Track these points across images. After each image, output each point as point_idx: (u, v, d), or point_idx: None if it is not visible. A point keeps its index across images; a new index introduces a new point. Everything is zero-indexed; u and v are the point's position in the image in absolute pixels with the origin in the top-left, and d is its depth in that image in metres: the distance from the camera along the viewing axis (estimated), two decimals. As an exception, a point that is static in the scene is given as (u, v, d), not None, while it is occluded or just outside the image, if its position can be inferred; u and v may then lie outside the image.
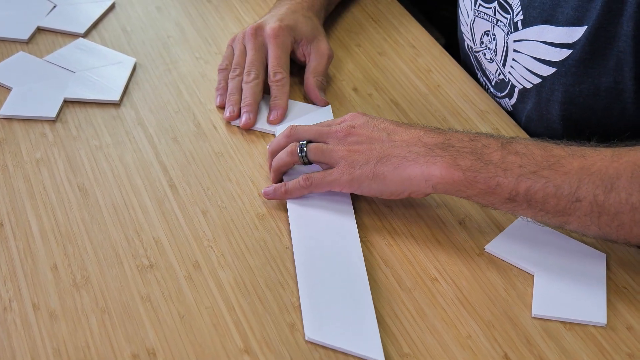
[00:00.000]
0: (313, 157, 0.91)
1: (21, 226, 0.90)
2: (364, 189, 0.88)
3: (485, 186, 0.82)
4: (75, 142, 1.00)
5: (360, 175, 0.87)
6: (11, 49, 1.15)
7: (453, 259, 0.87)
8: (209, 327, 0.80)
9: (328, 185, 0.90)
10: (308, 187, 0.90)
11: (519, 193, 0.82)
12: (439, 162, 0.84)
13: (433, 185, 0.84)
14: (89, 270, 0.85)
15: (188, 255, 0.87)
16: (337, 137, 0.90)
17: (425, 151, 0.85)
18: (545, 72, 0.99)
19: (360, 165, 0.87)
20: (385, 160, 0.86)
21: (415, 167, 0.85)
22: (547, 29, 0.97)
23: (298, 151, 0.91)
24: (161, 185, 0.95)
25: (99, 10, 1.22)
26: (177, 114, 1.05)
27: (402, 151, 0.86)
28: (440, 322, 0.81)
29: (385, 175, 0.86)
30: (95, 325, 0.80)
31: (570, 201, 0.80)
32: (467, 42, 1.15)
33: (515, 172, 0.82)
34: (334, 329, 0.79)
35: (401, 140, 0.87)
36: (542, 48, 0.98)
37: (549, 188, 0.81)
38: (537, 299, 0.83)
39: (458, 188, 0.84)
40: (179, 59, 1.14)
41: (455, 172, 0.83)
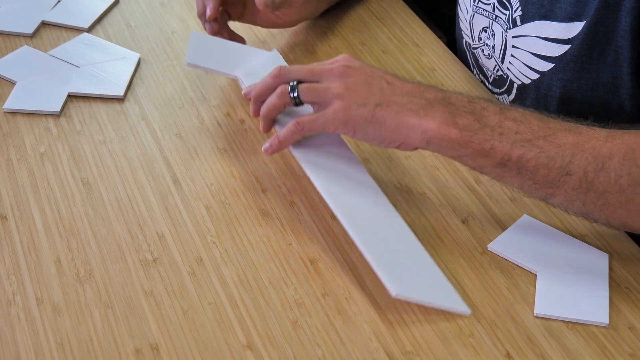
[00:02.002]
0: (305, 97, 0.87)
1: (25, 220, 0.90)
2: (358, 131, 0.85)
3: (480, 148, 0.82)
4: (79, 137, 1.00)
5: (357, 116, 0.84)
6: (15, 43, 1.15)
7: (456, 257, 0.87)
8: (212, 322, 0.80)
9: (322, 125, 0.86)
10: (300, 130, 0.87)
11: (512, 159, 0.81)
12: (437, 117, 0.83)
13: (428, 139, 0.83)
14: (93, 265, 0.85)
15: (191, 251, 0.87)
16: (332, 75, 0.87)
17: (425, 104, 0.84)
18: (544, 67, 0.98)
19: (358, 106, 0.84)
20: (386, 105, 0.84)
21: (415, 118, 0.83)
22: (545, 24, 0.97)
23: (289, 91, 0.88)
24: (165, 180, 0.95)
25: (103, 5, 1.22)
26: (180, 109, 1.05)
27: (403, 100, 0.84)
28: (443, 320, 0.81)
29: (385, 121, 0.84)
30: (98, 319, 0.80)
31: (560, 174, 0.81)
32: (465, 38, 1.15)
33: (511, 137, 0.82)
34: (414, 285, 0.81)
35: (402, 89, 0.86)
36: (541, 44, 0.98)
37: (541, 158, 0.81)
38: (540, 298, 0.83)
39: (452, 146, 0.83)
40: (182, 54, 1.14)
41: (452, 129, 0.82)
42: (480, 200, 0.93)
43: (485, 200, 0.93)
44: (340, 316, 0.81)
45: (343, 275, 0.85)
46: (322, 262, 0.86)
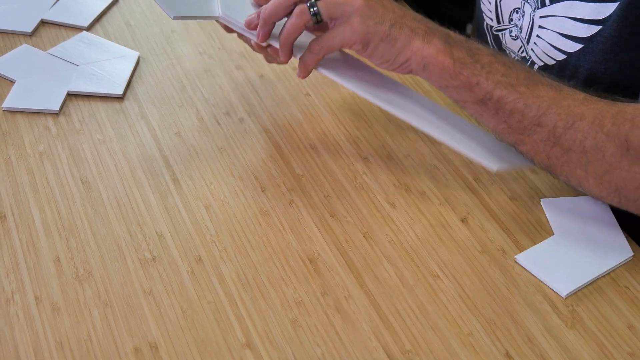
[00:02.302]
0: (326, 11, 0.88)
1: (24, 219, 0.90)
2: (370, 47, 0.88)
3: (467, 81, 0.87)
4: (78, 136, 1.00)
5: (374, 31, 0.87)
6: (15, 41, 1.15)
7: (455, 256, 0.87)
8: (211, 321, 0.80)
9: (340, 41, 0.88)
10: (321, 49, 0.89)
11: (492, 98, 0.86)
12: (437, 44, 0.87)
13: (425, 64, 0.87)
14: (92, 264, 0.85)
15: (191, 250, 0.87)
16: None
17: (429, 31, 0.88)
18: (571, 48, 0.97)
19: (375, 23, 0.87)
20: (399, 26, 0.87)
21: (420, 42, 0.87)
22: (575, 4, 0.95)
23: (308, 9, 0.88)
24: (164, 179, 0.95)
25: (103, 3, 1.22)
26: (180, 108, 1.05)
27: (413, 24, 0.88)
28: (442, 319, 0.81)
29: (397, 41, 0.87)
30: (97, 318, 0.80)
31: (532, 123, 0.85)
32: (487, 21, 1.13)
33: (497, 78, 0.86)
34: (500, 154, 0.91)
35: (411, 16, 0.89)
36: (569, 24, 0.96)
37: (519, 104, 0.85)
38: (532, 251, 0.87)
39: (443, 75, 0.87)
40: (182, 53, 1.14)
41: (447, 58, 0.87)
42: (480, 199, 0.93)
43: (485, 199, 0.93)
44: (339, 315, 0.81)
45: (342, 274, 0.85)
46: (321, 261, 0.86)
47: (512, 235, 0.89)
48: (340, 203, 0.93)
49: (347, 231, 0.89)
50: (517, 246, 0.88)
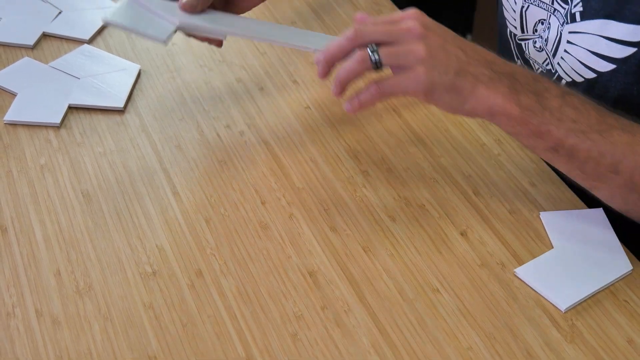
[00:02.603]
0: (387, 61, 0.85)
1: (25, 232, 0.90)
2: (435, 97, 0.85)
3: (536, 129, 0.84)
4: (79, 149, 1.01)
5: (439, 83, 0.84)
6: (16, 54, 1.16)
7: (454, 270, 0.87)
8: (211, 335, 0.80)
9: (403, 89, 0.85)
10: (382, 94, 0.86)
11: (564, 146, 0.84)
12: (503, 92, 0.84)
13: (492, 112, 0.84)
14: (92, 277, 0.85)
15: (191, 263, 0.87)
16: (411, 36, 0.85)
17: (495, 77, 0.85)
18: (603, 67, 0.95)
19: (440, 73, 0.84)
20: (463, 75, 0.84)
21: (485, 90, 0.84)
22: (610, 24, 0.93)
23: (370, 56, 0.85)
24: (164, 192, 0.95)
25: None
26: (181, 121, 1.05)
27: (477, 71, 0.85)
28: (442, 332, 0.81)
29: (462, 90, 0.84)
30: (97, 332, 0.80)
31: (608, 170, 0.83)
32: (510, 28, 1.10)
33: (567, 125, 0.83)
34: None
35: (474, 59, 0.86)
36: (603, 43, 0.94)
37: (592, 152, 0.83)
38: (531, 265, 0.87)
39: (511, 123, 0.85)
40: (183, 66, 1.15)
41: (514, 107, 0.84)
42: (479, 212, 0.94)
43: (484, 213, 0.93)
44: (339, 329, 0.81)
45: (342, 287, 0.85)
46: (321, 274, 0.86)
47: (512, 249, 0.90)
48: (340, 216, 0.93)
49: (346, 245, 0.90)
50: (516, 260, 0.88)
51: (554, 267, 0.87)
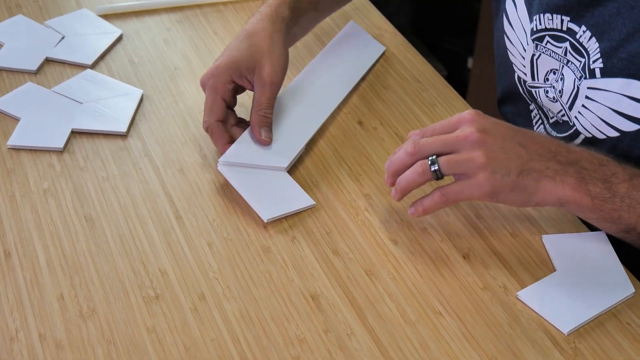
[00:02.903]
0: (447, 170, 0.87)
1: (28, 256, 0.90)
2: (500, 198, 0.87)
3: (608, 216, 0.87)
4: (82, 173, 1.01)
5: (501, 185, 0.86)
6: (20, 79, 1.16)
7: (457, 293, 0.87)
8: (214, 359, 0.80)
9: (467, 196, 0.87)
10: (445, 201, 0.88)
11: (636, 229, 0.87)
12: (571, 183, 0.86)
13: (562, 203, 0.87)
14: (95, 301, 0.86)
15: (194, 287, 0.87)
16: (468, 143, 0.87)
17: (560, 169, 0.87)
18: (627, 127, 0.94)
19: (502, 176, 0.86)
20: (526, 173, 0.86)
21: (552, 184, 0.86)
22: (633, 83, 0.91)
23: (430, 168, 0.88)
24: (167, 216, 0.95)
25: (107, 41, 1.24)
26: (183, 145, 1.06)
27: (540, 166, 0.86)
28: (444, 356, 0.81)
29: (526, 188, 0.86)
30: (101, 356, 0.80)
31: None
32: (518, 73, 1.09)
33: (638, 211, 0.86)
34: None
35: (537, 153, 0.87)
36: (626, 102, 0.92)
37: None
38: (534, 288, 0.88)
39: (582, 211, 0.87)
40: (185, 90, 1.15)
41: (584, 197, 0.86)
42: (482, 235, 0.94)
43: (486, 236, 0.94)
44: (342, 352, 0.81)
45: (344, 311, 0.85)
46: (323, 298, 0.87)
47: (514, 272, 0.90)
48: (342, 239, 0.93)
49: (349, 268, 0.90)
50: (518, 283, 0.88)
51: (557, 290, 0.87)
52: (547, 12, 0.99)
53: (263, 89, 1.02)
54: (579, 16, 0.95)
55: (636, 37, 0.89)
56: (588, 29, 0.94)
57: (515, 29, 1.06)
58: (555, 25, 0.98)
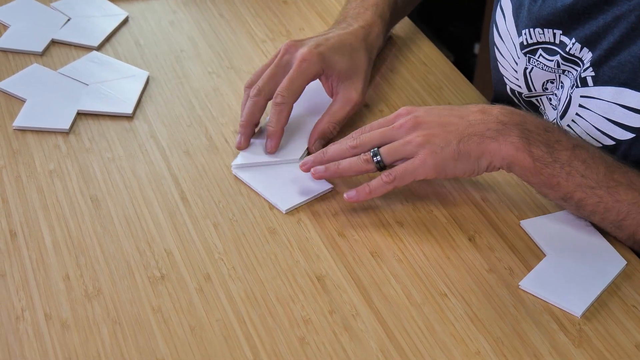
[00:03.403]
0: (389, 158, 0.90)
1: (34, 237, 0.90)
2: (448, 171, 0.89)
3: (547, 181, 0.87)
4: (88, 154, 1.01)
5: (444, 157, 0.88)
6: (25, 61, 1.16)
7: (462, 275, 0.87)
8: (219, 339, 0.81)
9: (412, 174, 0.89)
10: (392, 181, 0.90)
11: (572, 198, 0.88)
12: (515, 143, 0.87)
13: (508, 163, 0.88)
14: (101, 281, 0.86)
15: (199, 268, 0.87)
16: (405, 129, 0.90)
17: (503, 129, 0.88)
18: (621, 136, 0.93)
19: (442, 147, 0.88)
20: (467, 139, 0.88)
21: (495, 144, 0.87)
22: (625, 92, 0.90)
23: (372, 158, 0.91)
24: (173, 197, 0.95)
25: (113, 23, 1.23)
26: (189, 127, 1.06)
27: (480, 129, 0.88)
28: (450, 337, 0.81)
29: (470, 153, 0.88)
30: (106, 335, 0.80)
31: (612, 225, 0.89)
32: (511, 86, 1.08)
33: (576, 180, 0.87)
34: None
35: (475, 119, 0.89)
36: (619, 111, 0.92)
37: (599, 207, 0.87)
38: (533, 275, 0.87)
39: (524, 172, 0.88)
40: (191, 73, 1.15)
41: (527, 158, 0.86)
42: (487, 218, 0.94)
43: (492, 218, 0.94)
44: (347, 333, 0.81)
45: (350, 292, 0.85)
46: (329, 279, 0.87)
47: (520, 254, 0.90)
48: (347, 221, 0.93)
49: (354, 249, 0.90)
50: (524, 265, 0.88)
51: (556, 275, 0.87)
52: (537, 27, 0.98)
53: (347, 104, 1.04)
54: (571, 29, 0.95)
55: (625, 45, 0.89)
56: (577, 41, 0.94)
57: (505, 41, 1.05)
58: (547, 38, 0.98)
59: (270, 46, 1.21)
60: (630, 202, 0.86)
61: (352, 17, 1.10)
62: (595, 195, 0.87)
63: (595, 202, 0.87)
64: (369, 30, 1.08)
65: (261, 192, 0.96)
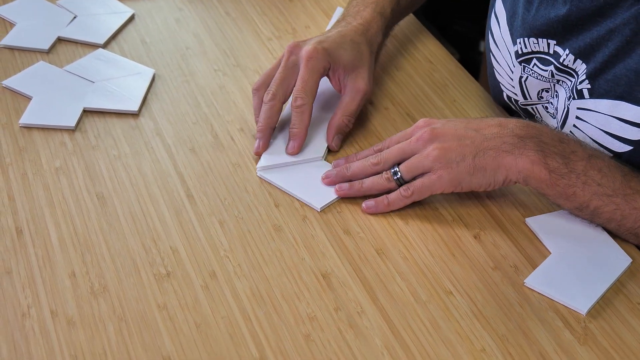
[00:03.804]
0: (408, 175, 0.92)
1: (40, 234, 0.90)
2: (464, 185, 0.90)
3: (563, 191, 0.87)
4: (94, 152, 1.01)
5: (460, 171, 0.89)
6: (32, 58, 1.16)
7: (467, 272, 0.88)
8: (224, 336, 0.81)
9: (429, 189, 0.91)
10: (410, 196, 0.92)
11: (589, 207, 0.88)
12: (531, 156, 0.87)
13: (524, 177, 0.88)
14: (107, 279, 0.86)
15: (205, 265, 0.87)
16: (422, 142, 0.91)
17: (518, 142, 0.88)
18: (619, 148, 0.92)
19: (457, 162, 0.89)
20: (482, 153, 0.88)
21: (511, 158, 0.88)
22: (622, 105, 0.90)
23: (393, 176, 0.93)
24: (179, 195, 0.96)
25: (119, 21, 1.24)
26: (195, 125, 1.06)
27: (496, 143, 0.88)
28: (455, 335, 0.81)
29: (485, 167, 0.88)
30: (112, 333, 0.81)
31: (629, 232, 0.89)
32: (507, 93, 1.08)
33: (593, 189, 0.87)
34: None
35: (492, 133, 0.89)
36: (616, 124, 0.91)
37: (615, 215, 0.88)
38: (538, 272, 0.87)
39: (540, 185, 0.88)
40: (197, 70, 1.15)
41: (543, 170, 0.87)
42: (492, 215, 0.94)
43: (497, 216, 0.94)
44: (352, 330, 0.82)
45: (355, 289, 0.85)
46: (334, 276, 0.87)
47: (525, 252, 0.90)
48: (353, 219, 0.93)
49: (360, 247, 0.90)
50: (529, 262, 0.88)
51: (561, 273, 0.87)
52: (531, 36, 0.98)
53: (357, 95, 1.04)
54: (565, 40, 0.94)
55: (620, 59, 0.89)
56: (571, 52, 0.94)
57: (501, 49, 1.05)
58: (542, 48, 0.98)
59: (276, 44, 1.21)
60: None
61: (351, 16, 1.10)
62: (612, 203, 0.87)
63: (612, 210, 0.87)
64: (367, 27, 1.09)
65: (293, 192, 0.96)
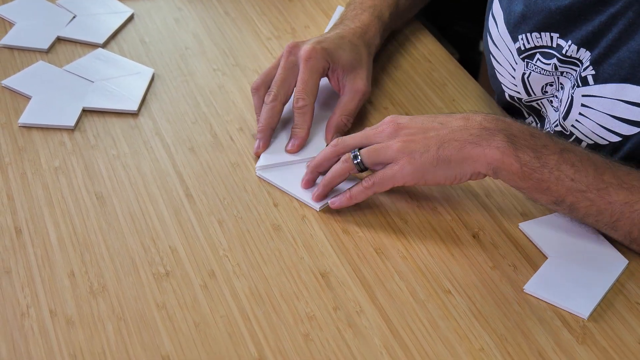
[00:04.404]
0: (368, 160, 0.90)
1: (39, 233, 0.91)
2: (428, 177, 0.88)
3: (537, 185, 0.86)
4: (93, 151, 1.01)
5: (423, 163, 0.87)
6: (31, 58, 1.16)
7: (466, 272, 0.88)
8: (223, 335, 0.81)
9: (391, 180, 0.89)
10: (371, 187, 0.90)
11: (564, 202, 0.86)
12: (501, 147, 0.85)
13: (494, 168, 0.86)
14: (106, 278, 0.86)
15: (204, 264, 0.87)
16: (386, 134, 0.90)
17: (486, 134, 0.86)
18: (627, 131, 0.92)
19: (421, 153, 0.87)
20: (447, 144, 0.86)
21: (477, 149, 0.86)
22: (628, 87, 0.90)
23: (352, 158, 0.91)
24: (178, 194, 0.96)
25: (118, 21, 1.24)
26: (194, 124, 1.06)
27: (463, 135, 0.87)
28: (453, 334, 0.81)
29: (450, 159, 0.86)
30: (111, 332, 0.81)
31: (607, 226, 0.87)
32: (509, 92, 1.08)
33: (566, 184, 0.85)
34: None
35: (458, 126, 0.88)
36: (622, 107, 0.91)
37: (591, 209, 0.86)
38: (536, 278, 0.86)
39: (512, 177, 0.86)
40: (196, 70, 1.15)
41: (514, 163, 0.85)
42: (491, 214, 0.94)
43: (496, 215, 0.94)
44: (351, 330, 0.82)
45: (354, 289, 0.85)
46: (333, 276, 0.87)
47: (524, 251, 0.90)
48: (352, 218, 0.93)
49: (359, 246, 0.90)
50: (528, 262, 0.89)
51: (559, 277, 0.87)
52: (534, 31, 0.98)
53: (355, 94, 1.04)
54: (567, 31, 0.94)
55: (623, 42, 0.89)
56: (574, 42, 0.94)
57: (501, 49, 1.05)
58: (545, 42, 0.98)
59: (275, 44, 1.21)
60: (622, 203, 0.85)
61: (349, 19, 1.11)
62: (586, 199, 0.85)
63: (587, 206, 0.86)
64: (365, 30, 1.09)
65: (292, 192, 0.96)
